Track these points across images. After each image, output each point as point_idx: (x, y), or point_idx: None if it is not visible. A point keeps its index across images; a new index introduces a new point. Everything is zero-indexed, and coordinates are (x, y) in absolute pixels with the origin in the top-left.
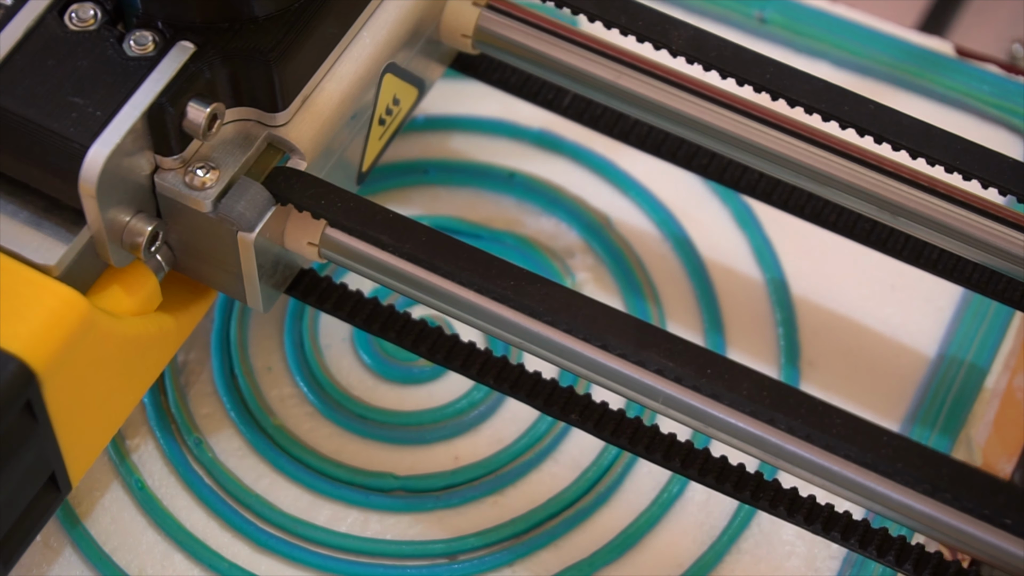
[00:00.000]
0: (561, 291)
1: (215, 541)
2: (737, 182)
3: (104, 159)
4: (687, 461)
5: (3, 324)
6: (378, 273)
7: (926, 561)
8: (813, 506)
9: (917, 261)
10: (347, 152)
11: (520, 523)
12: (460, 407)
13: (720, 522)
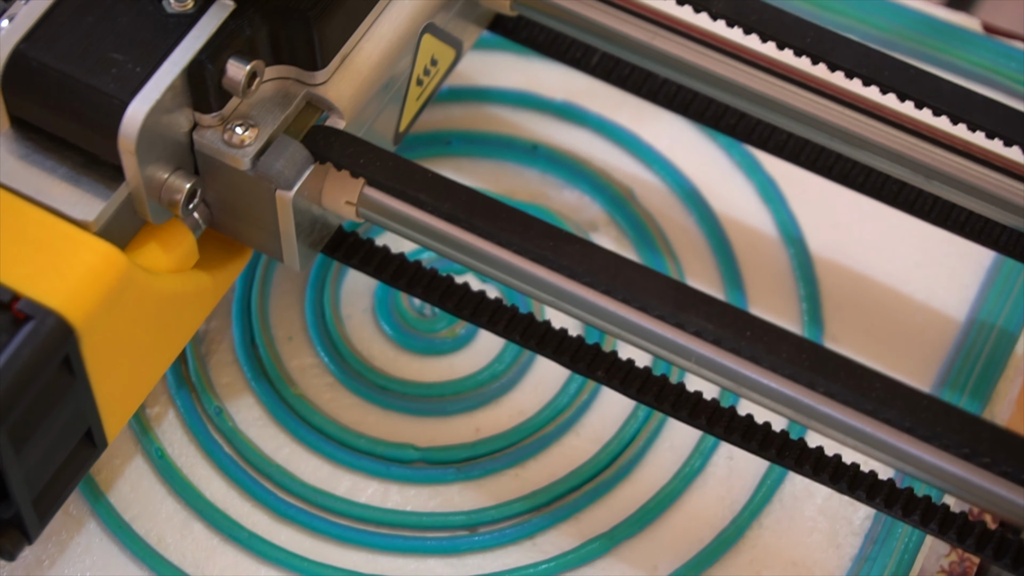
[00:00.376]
0: (600, 252)
1: (235, 510)
2: (766, 142)
3: (144, 115)
4: (713, 419)
5: (42, 279)
6: (416, 233)
7: (951, 521)
8: (839, 465)
9: (946, 223)
10: (385, 112)
11: (541, 496)
12: (481, 379)
13: (742, 497)
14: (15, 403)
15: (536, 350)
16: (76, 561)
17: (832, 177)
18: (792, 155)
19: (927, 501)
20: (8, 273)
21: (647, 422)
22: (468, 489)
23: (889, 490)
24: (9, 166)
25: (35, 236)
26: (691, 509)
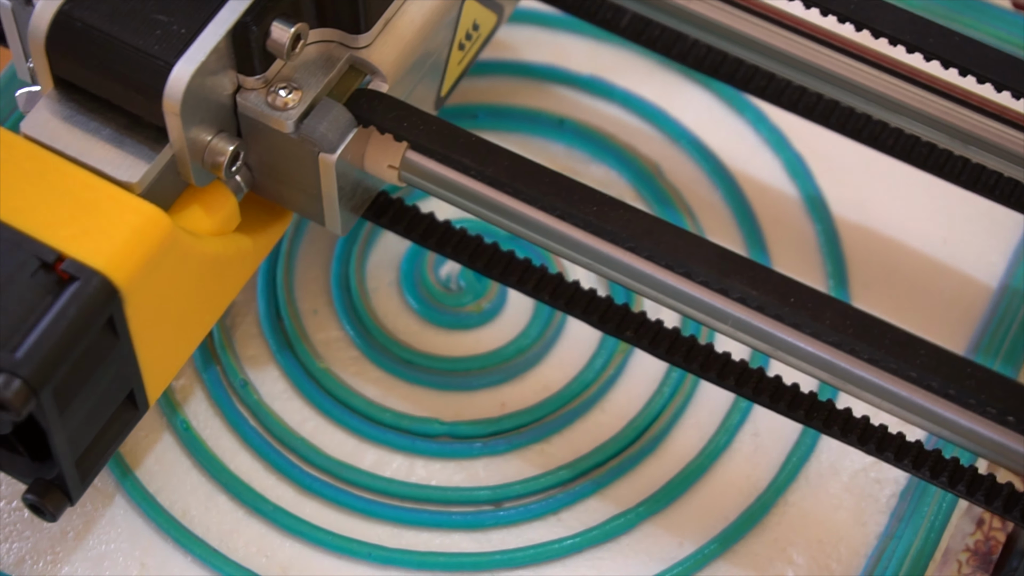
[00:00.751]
0: (644, 217)
1: (259, 483)
2: (795, 104)
3: (189, 77)
4: (741, 380)
5: (87, 240)
6: (458, 197)
7: (979, 483)
8: (868, 427)
9: (975, 186)
10: (427, 76)
11: (566, 471)
12: (507, 353)
13: (767, 474)
14: (60, 364)
15: (565, 309)
16: (101, 533)
17: (862, 139)
18: (822, 117)
19: (955, 463)
20: (52, 234)
21: (673, 398)
22: (493, 464)
23: (917, 452)
24: (53, 127)
25: (79, 197)
26: (716, 486)
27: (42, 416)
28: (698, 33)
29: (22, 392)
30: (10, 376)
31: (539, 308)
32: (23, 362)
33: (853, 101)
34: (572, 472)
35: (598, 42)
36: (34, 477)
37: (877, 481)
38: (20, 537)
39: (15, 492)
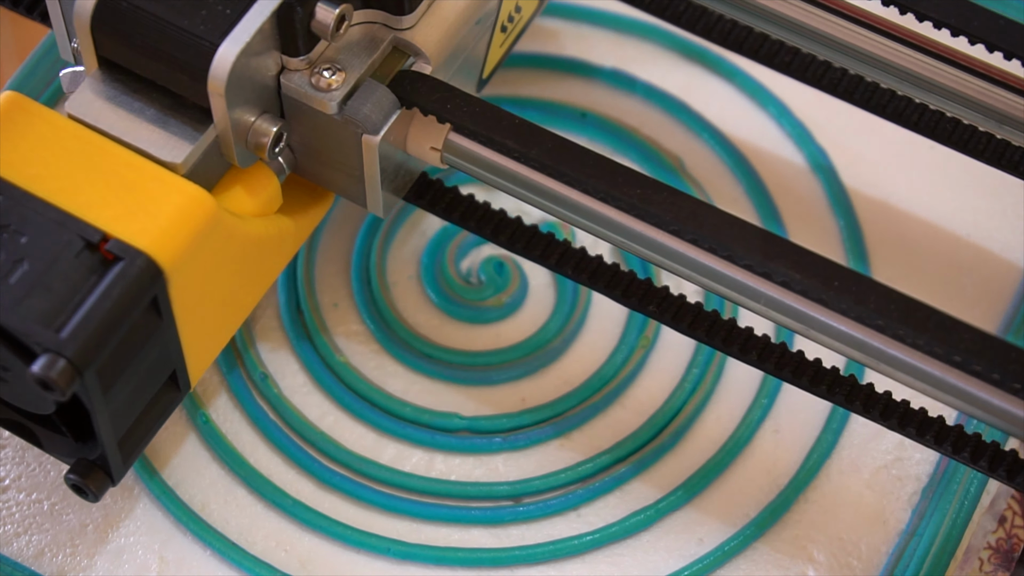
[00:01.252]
0: (688, 200)
1: (279, 477)
2: (820, 79)
3: (234, 57)
4: (764, 354)
5: (131, 220)
6: (501, 179)
7: (1000, 458)
8: (889, 402)
9: (1000, 162)
10: (470, 58)
11: (586, 467)
12: (528, 348)
13: (788, 470)
14: (104, 344)
15: (588, 284)
16: (121, 526)
17: (887, 116)
18: (845, 92)
19: (977, 438)
20: (97, 214)
21: (694, 393)
22: (513, 459)
23: (958, 435)
24: (97, 107)
25: (124, 177)
26: (737, 482)
27: (86, 396)
28: (723, 8)
29: (67, 372)
30: (55, 356)
31: (560, 302)
32: (68, 342)
33: (878, 76)
34: (592, 468)
35: (620, 35)
36: (76, 457)
37: (899, 478)
38: (40, 530)
39: (34, 485)
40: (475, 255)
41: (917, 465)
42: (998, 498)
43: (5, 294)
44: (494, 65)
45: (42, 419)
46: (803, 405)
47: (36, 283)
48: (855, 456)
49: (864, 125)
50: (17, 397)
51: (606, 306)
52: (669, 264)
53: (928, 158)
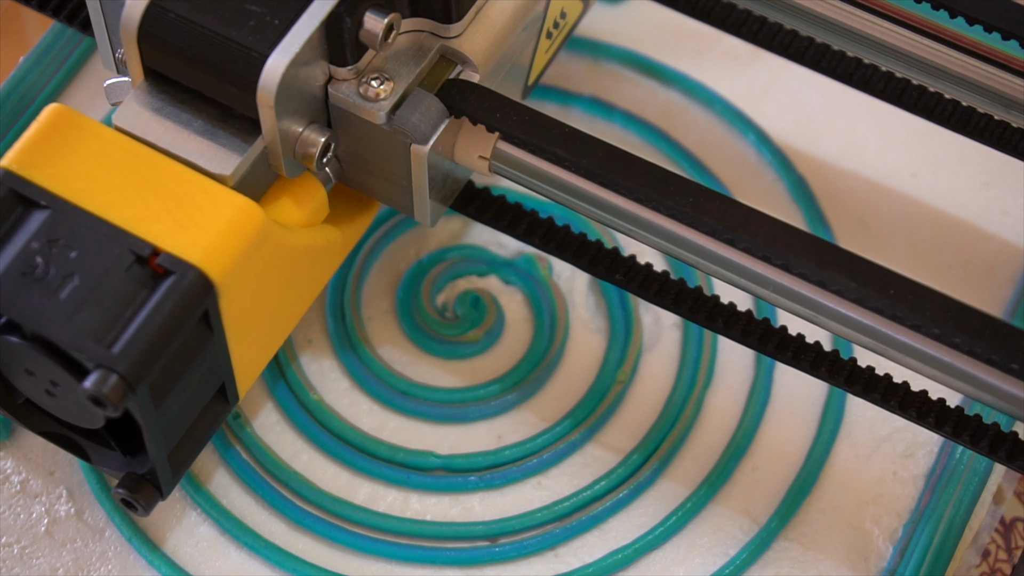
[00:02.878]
0: (740, 208)
1: (251, 518)
2: (834, 69)
3: (283, 68)
4: (798, 354)
5: (182, 234)
6: (550, 187)
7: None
8: (960, 414)
9: (1003, 146)
10: (516, 65)
11: (564, 506)
12: (504, 384)
13: (767, 509)
14: (156, 359)
15: (640, 293)
16: (92, 569)
17: (885, 96)
18: (861, 82)
19: (978, 420)
20: (147, 227)
21: (671, 431)
22: (489, 498)
23: (940, 410)
24: (144, 119)
25: (173, 190)
26: (716, 520)
27: (138, 411)
28: (794, 24)
29: (119, 388)
30: (107, 371)
31: (537, 337)
32: (120, 357)
33: (873, 57)
34: (570, 507)
35: (599, 62)
36: (125, 471)
37: (879, 515)
38: (10, 574)
39: (4, 528)
40: (451, 289)
41: (898, 501)
42: (981, 532)
43: (56, 309)
44: (539, 71)
45: (90, 433)
46: (785, 437)
47: (86, 298)
48: (834, 494)
49: (844, 151)
50: (65, 411)
51: (583, 341)
52: (721, 272)
53: (922, 155)
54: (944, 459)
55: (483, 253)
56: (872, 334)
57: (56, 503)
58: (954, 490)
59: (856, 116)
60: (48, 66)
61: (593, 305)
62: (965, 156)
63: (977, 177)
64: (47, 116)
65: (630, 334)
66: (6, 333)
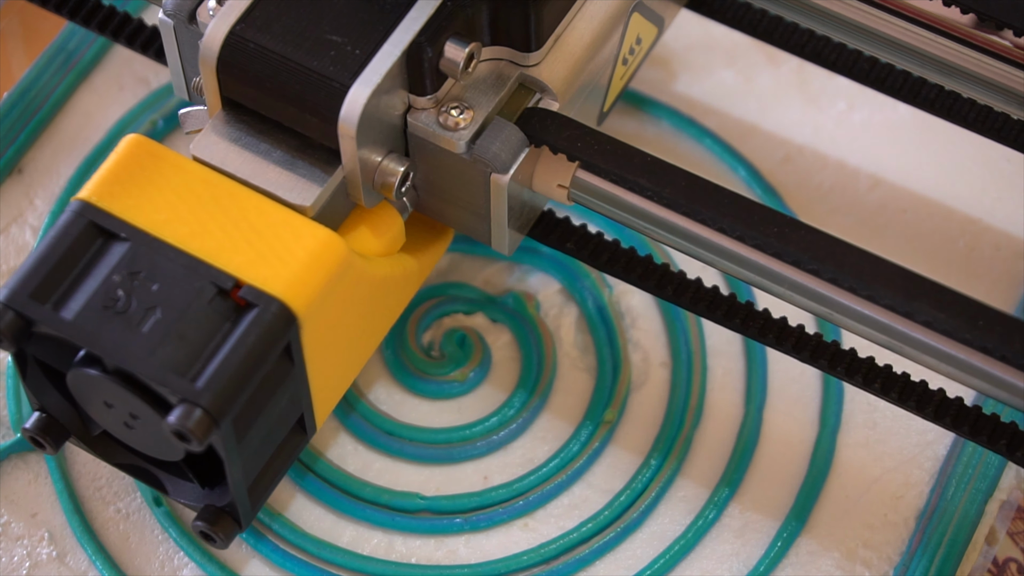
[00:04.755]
0: (826, 239)
1: (235, 562)
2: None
3: (365, 99)
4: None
5: (264, 266)
6: (631, 216)
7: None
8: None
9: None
10: (592, 92)
11: (550, 548)
12: (491, 424)
13: (756, 551)
14: (240, 393)
15: (743, 331)
16: None
17: (900, 96)
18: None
19: (977, 411)
20: (228, 259)
21: (660, 470)
22: (475, 540)
23: (940, 401)
24: (223, 149)
25: (253, 221)
26: (705, 563)
27: (221, 446)
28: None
29: (204, 422)
30: (191, 406)
31: (524, 376)
32: (204, 392)
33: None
34: (556, 549)
35: None
36: (203, 503)
37: (870, 559)
38: None
39: None
40: (437, 327)
41: (889, 544)
42: (974, 574)
43: (138, 343)
44: (614, 98)
45: (168, 465)
46: (774, 480)
47: (169, 331)
48: (825, 533)
49: (835, 188)
50: (144, 444)
51: (570, 380)
52: (807, 304)
53: (923, 150)
54: (935, 500)
55: (470, 291)
56: (960, 364)
57: (38, 546)
58: (946, 531)
59: (847, 152)
60: (60, 67)
61: (581, 343)
62: (971, 153)
63: (986, 175)
64: (125, 147)
65: (618, 373)
66: (86, 366)
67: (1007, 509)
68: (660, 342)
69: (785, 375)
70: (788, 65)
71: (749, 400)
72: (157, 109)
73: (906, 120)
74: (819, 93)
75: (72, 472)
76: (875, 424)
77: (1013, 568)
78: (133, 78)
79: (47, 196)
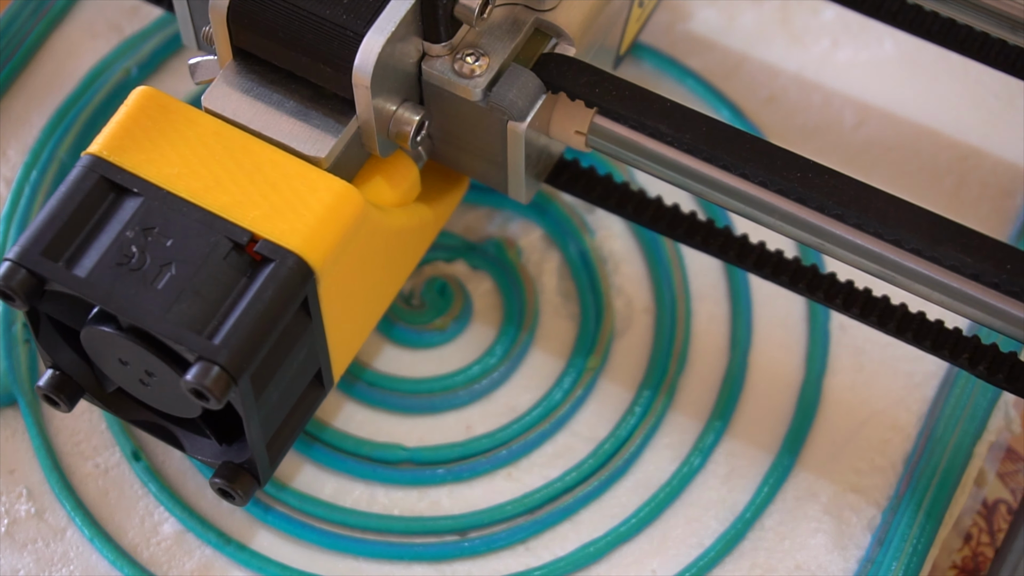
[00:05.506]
0: (850, 183)
1: (215, 516)
2: None
3: (380, 48)
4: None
5: (280, 220)
6: (650, 162)
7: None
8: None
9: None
10: (608, 35)
11: (534, 498)
12: (473, 373)
13: (743, 497)
14: (258, 349)
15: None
16: (53, 570)
17: (897, 23)
18: None
19: (977, 341)
20: (243, 213)
21: (645, 417)
22: (458, 491)
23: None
24: (235, 100)
25: (267, 174)
26: (691, 510)
27: (239, 403)
28: None
29: (222, 380)
30: (208, 363)
31: (506, 324)
32: (222, 348)
33: None
34: (541, 498)
35: None
36: (221, 460)
37: (857, 503)
38: None
39: None
40: (417, 275)
41: (875, 490)
42: (963, 516)
43: (153, 300)
44: (630, 41)
45: (184, 421)
46: (760, 424)
47: (184, 288)
48: (812, 480)
49: (820, 128)
50: (160, 401)
51: (553, 327)
52: (832, 249)
53: (909, 88)
54: (923, 443)
55: (450, 238)
56: (988, 308)
57: (16, 503)
58: (934, 474)
59: (832, 91)
60: (31, 15)
61: (563, 290)
62: (958, 91)
63: (973, 114)
64: (135, 99)
65: (601, 319)
66: (101, 324)
67: (996, 450)
68: (643, 287)
69: (771, 319)
70: (771, 3)
71: (734, 345)
72: (131, 56)
73: (891, 58)
74: (803, 31)
75: (50, 428)
76: (862, 367)
77: (1003, 509)
78: (106, 25)
79: (20, 147)
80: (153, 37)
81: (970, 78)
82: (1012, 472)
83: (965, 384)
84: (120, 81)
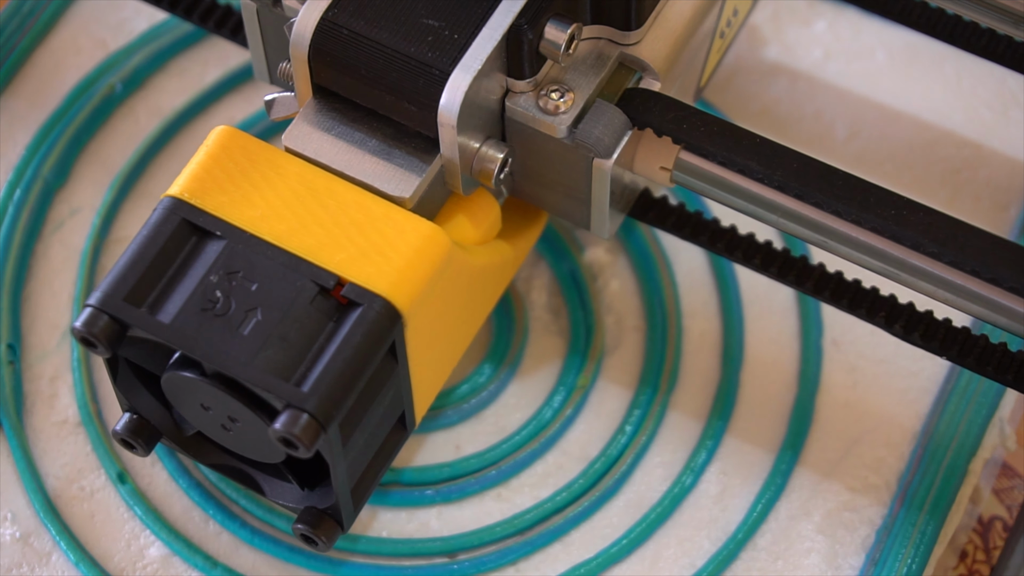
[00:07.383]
0: (945, 220)
1: (202, 538)
2: None
3: (467, 86)
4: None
5: (366, 263)
6: (737, 199)
7: None
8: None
9: None
10: (690, 68)
11: (524, 519)
12: (461, 392)
13: (736, 516)
14: (347, 396)
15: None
16: None
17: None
18: None
19: (967, 333)
20: (328, 256)
21: (636, 436)
22: (447, 512)
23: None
24: (316, 140)
25: (352, 215)
26: (683, 531)
27: (327, 451)
28: None
29: (311, 428)
30: (297, 411)
31: (496, 341)
32: (310, 396)
33: None
34: (531, 519)
35: None
36: (304, 505)
37: (851, 521)
38: None
39: None
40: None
41: (869, 508)
42: (959, 533)
43: (239, 346)
44: (710, 72)
45: (265, 466)
46: (752, 444)
47: (271, 333)
48: (804, 500)
49: (812, 140)
50: (241, 446)
51: (542, 344)
52: (926, 287)
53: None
54: (918, 461)
55: None
56: None
57: (1, 527)
58: (929, 492)
59: (823, 103)
60: (15, 30)
61: (553, 306)
62: (951, 103)
63: (966, 127)
64: (216, 139)
65: (591, 337)
66: (184, 369)
67: (991, 467)
68: (634, 304)
69: (763, 336)
70: (763, 14)
71: (726, 362)
72: (115, 72)
73: (883, 69)
74: (794, 43)
75: (35, 450)
76: (855, 384)
77: (999, 527)
78: (91, 40)
79: (4, 165)
80: (138, 53)
81: (963, 89)
82: (1008, 488)
83: (960, 401)
84: (105, 97)
